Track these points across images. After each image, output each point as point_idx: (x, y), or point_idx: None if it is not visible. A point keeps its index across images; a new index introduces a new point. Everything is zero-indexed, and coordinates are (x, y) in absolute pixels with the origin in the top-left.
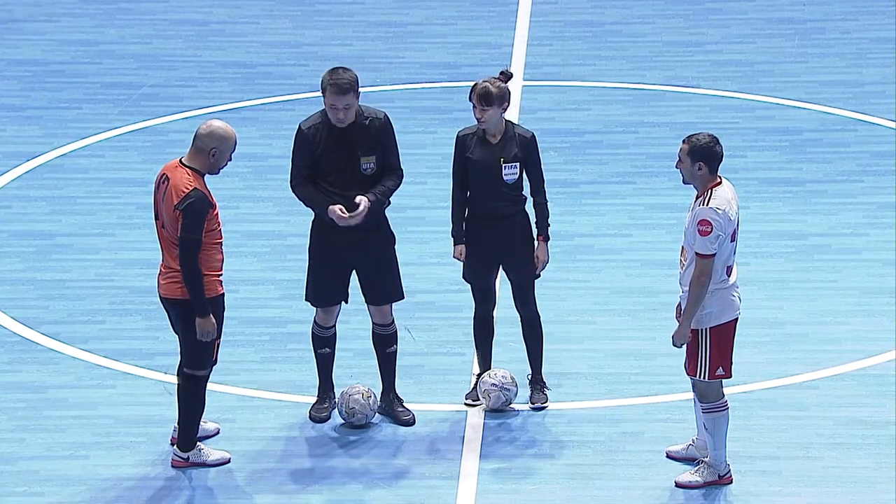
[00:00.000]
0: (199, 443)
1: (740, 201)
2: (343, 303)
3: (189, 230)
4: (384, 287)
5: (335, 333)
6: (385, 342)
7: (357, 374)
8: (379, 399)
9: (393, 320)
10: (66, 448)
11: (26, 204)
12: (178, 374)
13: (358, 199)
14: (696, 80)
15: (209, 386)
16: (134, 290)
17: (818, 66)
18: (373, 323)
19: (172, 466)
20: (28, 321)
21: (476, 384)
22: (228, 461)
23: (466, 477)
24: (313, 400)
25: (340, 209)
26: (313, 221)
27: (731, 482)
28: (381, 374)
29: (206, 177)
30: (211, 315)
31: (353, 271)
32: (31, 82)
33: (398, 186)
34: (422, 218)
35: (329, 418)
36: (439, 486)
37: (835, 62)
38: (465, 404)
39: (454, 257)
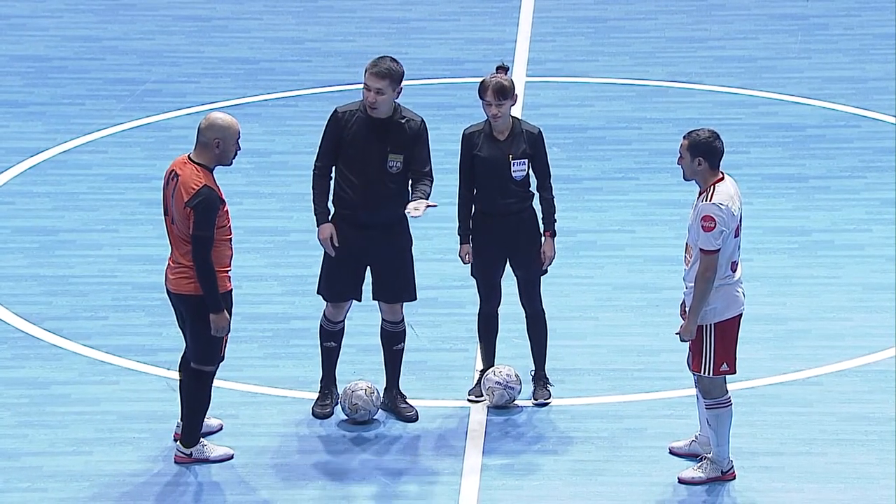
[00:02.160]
0: (202, 439)
1: (743, 197)
2: (355, 301)
3: (201, 227)
4: (397, 286)
5: (343, 329)
6: (393, 339)
7: (360, 370)
8: (382, 395)
9: (403, 318)
10: (69, 444)
11: (29, 200)
12: (181, 370)
13: (410, 208)
14: (699, 75)
15: None
16: (137, 287)
17: (821, 62)
18: (382, 319)
19: (175, 462)
20: (31, 317)
21: (480, 380)
22: (231, 457)
23: (470, 473)
24: (316, 396)
25: (330, 236)
26: (332, 216)
27: (734, 478)
28: (386, 370)
29: (216, 170)
30: (225, 310)
31: (368, 269)
32: (34, 78)
33: (431, 189)
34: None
35: (332, 414)
36: (443, 482)
37: (838, 58)
38: (469, 400)
39: (459, 257)
